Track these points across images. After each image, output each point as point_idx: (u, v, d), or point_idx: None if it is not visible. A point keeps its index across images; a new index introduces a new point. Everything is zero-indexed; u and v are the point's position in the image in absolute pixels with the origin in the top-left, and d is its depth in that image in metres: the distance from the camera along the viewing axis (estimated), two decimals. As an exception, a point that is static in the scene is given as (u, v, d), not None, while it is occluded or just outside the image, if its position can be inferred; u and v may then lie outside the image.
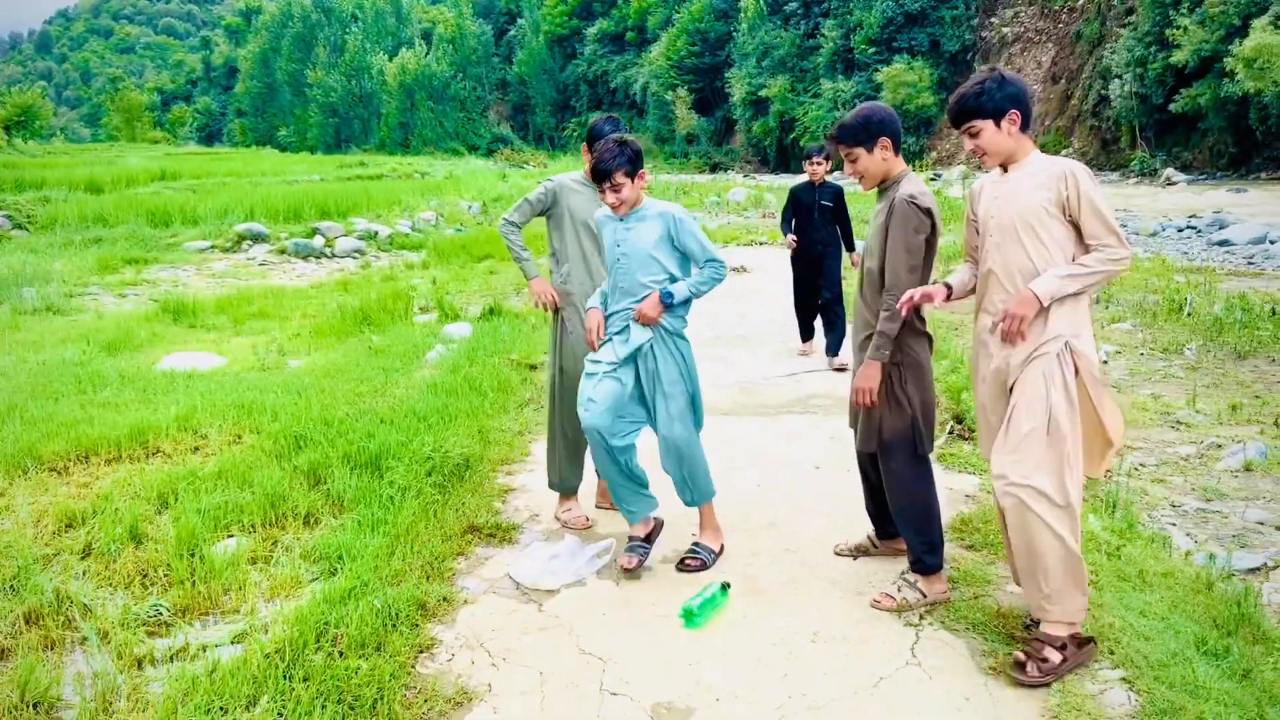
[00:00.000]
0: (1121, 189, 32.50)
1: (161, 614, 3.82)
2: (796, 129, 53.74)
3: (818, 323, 8.53)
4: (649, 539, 4.42)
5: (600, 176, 4.08)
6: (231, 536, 4.53)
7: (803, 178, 8.27)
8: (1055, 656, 3.32)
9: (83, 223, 18.31)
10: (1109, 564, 4.11)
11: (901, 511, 3.89)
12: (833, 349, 8.11)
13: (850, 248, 8.20)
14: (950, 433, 6.06)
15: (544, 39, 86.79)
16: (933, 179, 28.86)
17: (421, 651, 3.60)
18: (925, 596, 3.86)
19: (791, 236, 8.23)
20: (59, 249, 15.81)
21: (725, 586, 3.98)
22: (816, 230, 8.11)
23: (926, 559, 3.85)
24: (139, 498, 4.89)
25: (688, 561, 4.32)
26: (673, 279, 4.21)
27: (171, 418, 6.07)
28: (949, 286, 3.71)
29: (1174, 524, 4.87)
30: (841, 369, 7.81)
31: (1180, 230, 19.33)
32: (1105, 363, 8.07)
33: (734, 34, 63.36)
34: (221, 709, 3.10)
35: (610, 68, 79.94)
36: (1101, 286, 3.49)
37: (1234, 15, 31.74)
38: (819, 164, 8.00)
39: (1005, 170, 3.56)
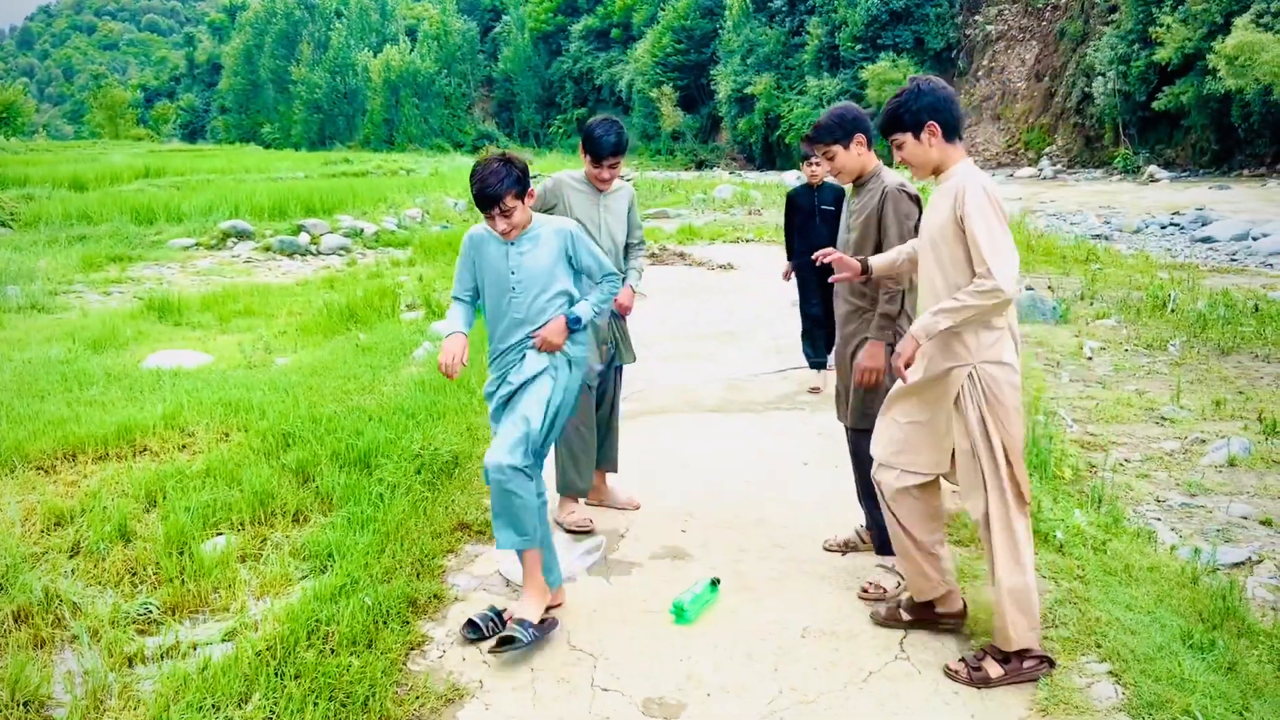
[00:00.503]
0: (1105, 186, 32.68)
1: (151, 612, 3.81)
2: (782, 126, 53.78)
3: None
4: (542, 624, 3.69)
5: (488, 202, 3.65)
6: (220, 534, 4.53)
7: (792, 176, 8.14)
8: (995, 670, 3.32)
9: (67, 220, 18.18)
10: (1095, 559, 4.15)
11: (870, 493, 3.94)
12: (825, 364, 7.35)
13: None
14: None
15: (529, 36, 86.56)
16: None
17: (412, 648, 3.61)
18: (903, 579, 3.86)
19: (787, 267, 7.44)
20: (43, 246, 15.69)
21: (715, 583, 4.00)
22: (819, 238, 6.92)
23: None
24: (127, 496, 4.87)
25: (495, 651, 3.54)
26: (571, 300, 3.88)
27: (159, 416, 6.04)
28: (865, 263, 3.80)
29: (1159, 519, 4.91)
30: (816, 390, 7.27)
31: (1164, 227, 19.46)
32: (1090, 359, 8.13)
33: (719, 31, 63.32)
34: (213, 706, 3.10)
35: (595, 64, 79.78)
36: (984, 319, 3.26)
37: (1216, 13, 31.92)
38: (817, 164, 7.01)
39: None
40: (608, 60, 78.25)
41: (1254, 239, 16.38)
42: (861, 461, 4.20)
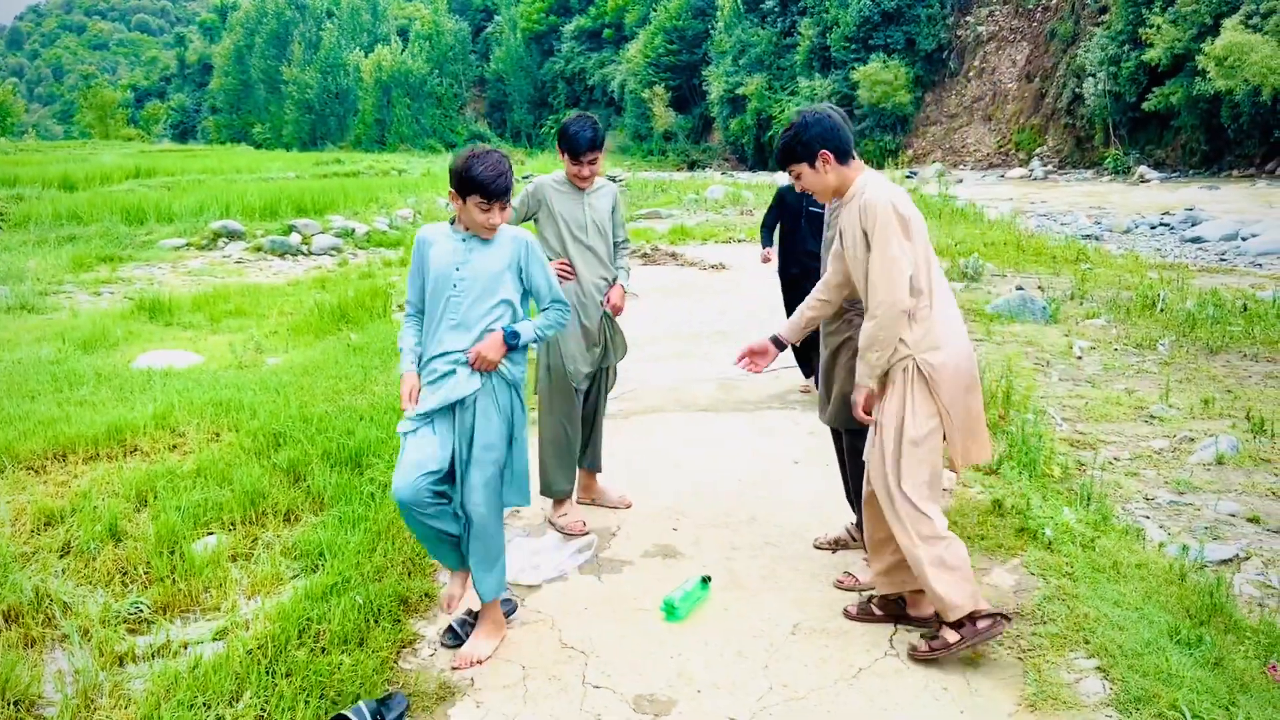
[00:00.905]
0: (1095, 186, 32.81)
1: (142, 611, 3.81)
2: (774, 127, 53.84)
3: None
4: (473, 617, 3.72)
5: (503, 194, 3.44)
6: (211, 534, 4.53)
7: (781, 177, 8.10)
8: (952, 636, 3.42)
9: (57, 220, 18.11)
10: (1084, 556, 4.17)
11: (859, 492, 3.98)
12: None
13: None
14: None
15: (521, 36, 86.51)
16: (908, 176, 29.02)
17: (404, 647, 3.61)
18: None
19: (766, 250, 7.19)
20: (33, 247, 15.64)
21: (706, 580, 4.01)
22: (803, 242, 6.55)
23: None
24: (118, 496, 4.86)
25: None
26: (515, 317, 3.59)
27: (149, 416, 6.03)
28: (778, 339, 3.97)
29: (1148, 516, 4.94)
30: (807, 390, 7.03)
31: (1153, 227, 19.56)
32: (1080, 358, 8.17)
33: (711, 32, 63.39)
34: (204, 705, 3.10)
35: (588, 65, 79.79)
36: (890, 344, 3.39)
37: (1206, 14, 32.09)
38: None
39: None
40: (600, 61, 78.29)
41: (1243, 239, 16.48)
42: (853, 462, 4.23)
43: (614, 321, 4.86)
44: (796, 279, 6.56)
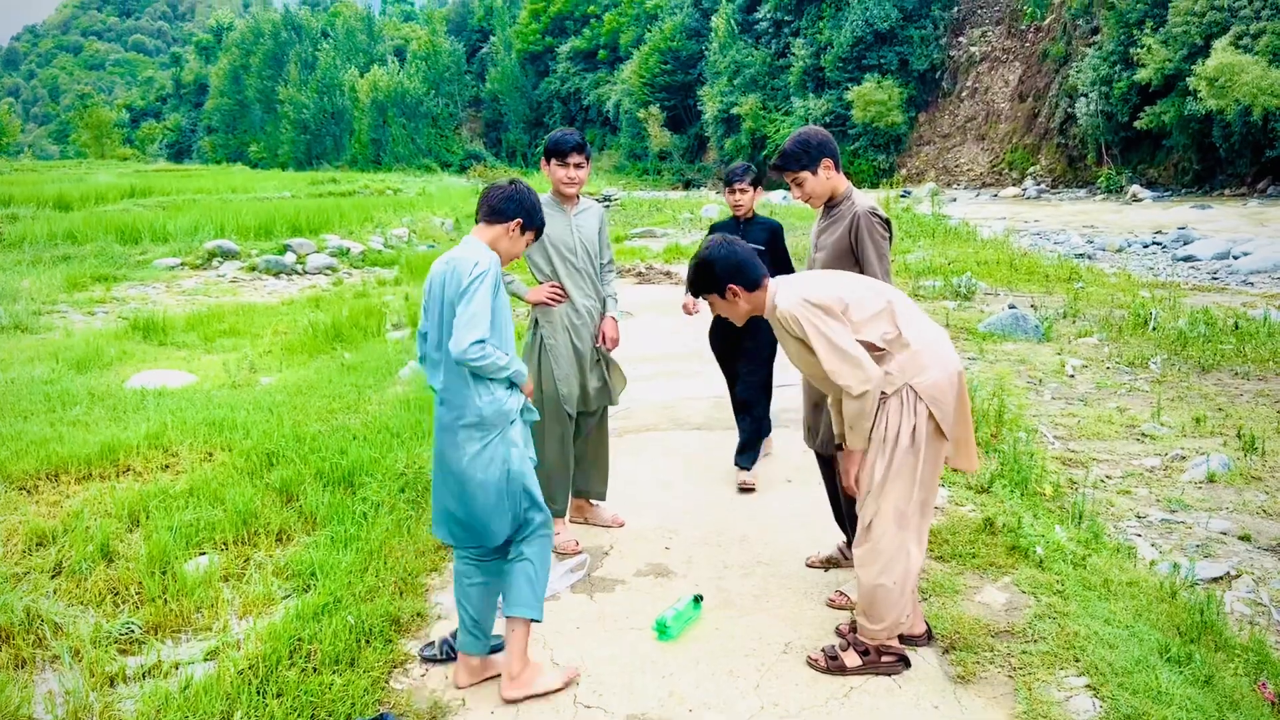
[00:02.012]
0: (1088, 205, 32.96)
1: (133, 631, 3.80)
2: (768, 146, 54.08)
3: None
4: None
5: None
6: (203, 554, 4.52)
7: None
8: (853, 660, 3.52)
9: (51, 240, 18.11)
10: (1075, 574, 4.18)
11: (848, 516, 3.99)
12: (749, 460, 5.73)
13: None
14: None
15: (517, 56, 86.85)
16: (903, 195, 29.12)
17: (395, 667, 3.61)
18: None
19: (690, 299, 5.48)
20: (27, 266, 15.64)
21: (698, 599, 4.01)
22: None
23: None
24: (110, 516, 4.86)
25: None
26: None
27: (142, 435, 6.03)
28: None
29: (1139, 534, 4.95)
30: (749, 489, 5.58)
31: (1146, 246, 19.65)
32: (1072, 376, 8.19)
33: (705, 53, 63.69)
34: (194, 726, 3.10)
35: (583, 85, 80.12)
36: (873, 410, 3.37)
37: (1196, 35, 32.33)
38: (743, 190, 5.59)
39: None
40: (595, 81, 78.62)
41: (1235, 258, 16.56)
42: (832, 487, 4.29)
43: (609, 357, 4.87)
44: (736, 330, 5.41)
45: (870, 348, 3.34)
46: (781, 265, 5.58)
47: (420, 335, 3.49)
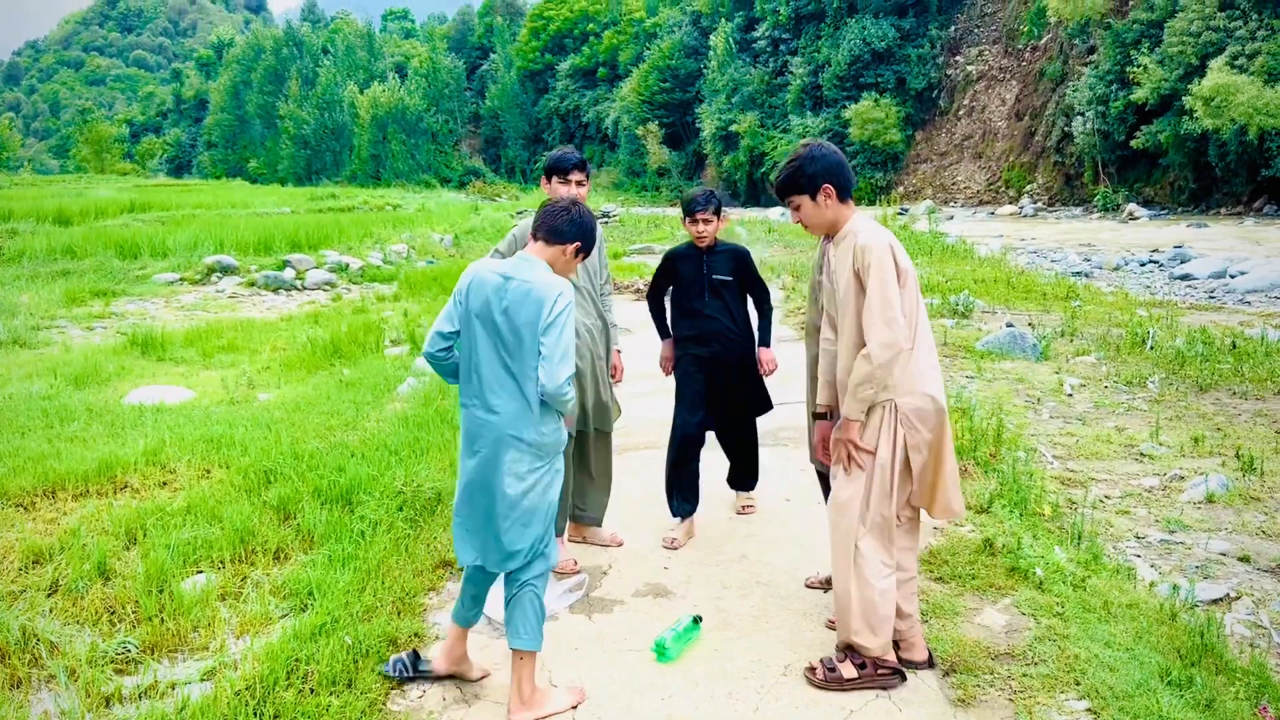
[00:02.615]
0: (1085, 224, 33.05)
1: (130, 651, 3.78)
2: (766, 163, 54.28)
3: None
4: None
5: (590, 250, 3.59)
6: (201, 572, 4.50)
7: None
8: (849, 671, 3.52)
9: (51, 255, 18.14)
10: (1074, 595, 4.16)
11: None
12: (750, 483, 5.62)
13: (766, 341, 5.29)
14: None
15: (516, 74, 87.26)
16: (900, 213, 29.19)
17: (393, 688, 3.59)
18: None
19: (667, 348, 5.29)
20: (26, 281, 15.65)
21: (697, 620, 4.00)
22: (711, 319, 5.06)
23: None
24: (107, 533, 4.84)
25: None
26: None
27: (140, 452, 6.02)
28: (831, 413, 3.78)
29: (1138, 555, 4.94)
30: (749, 508, 5.57)
31: (1143, 264, 19.68)
32: (1070, 396, 8.20)
33: (704, 71, 64.02)
34: (190, 747, 3.08)
35: (582, 102, 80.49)
36: (883, 384, 3.41)
37: (1192, 55, 32.50)
38: (705, 220, 5.01)
39: (830, 238, 3.70)
40: (594, 98, 78.99)
41: (1231, 276, 16.60)
42: None
43: (610, 386, 4.90)
44: (706, 364, 5.07)
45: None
46: (754, 291, 5.23)
47: (439, 334, 3.41)
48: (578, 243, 3.47)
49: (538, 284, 3.29)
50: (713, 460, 6.48)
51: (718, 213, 5.07)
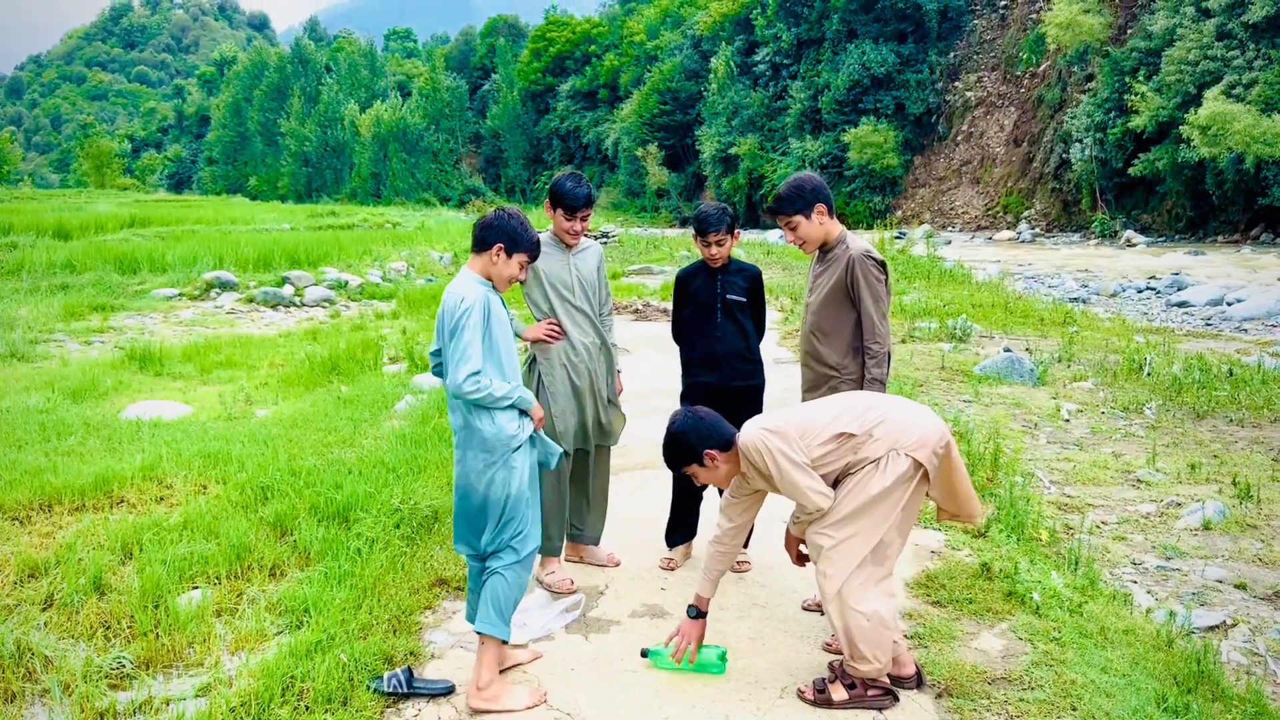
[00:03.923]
0: (1082, 250, 33.15)
1: (125, 666, 3.77)
2: (765, 186, 54.47)
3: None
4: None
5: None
6: (196, 588, 4.49)
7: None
8: (839, 693, 3.53)
9: (50, 269, 18.17)
10: (1071, 621, 4.17)
11: None
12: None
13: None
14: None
15: (518, 94, 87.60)
16: (898, 236, 29.29)
17: (388, 706, 3.57)
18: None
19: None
20: (25, 295, 15.66)
21: (723, 656, 3.89)
22: (722, 341, 4.83)
23: None
24: (103, 548, 4.83)
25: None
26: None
27: (136, 467, 6.01)
28: (698, 610, 3.82)
29: (1135, 581, 4.94)
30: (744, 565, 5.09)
31: (1140, 291, 19.73)
32: (1067, 421, 8.21)
33: (704, 94, 64.28)
34: (184, 764, 3.07)
35: (582, 123, 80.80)
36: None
37: (1190, 84, 32.70)
38: (719, 241, 4.75)
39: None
40: (595, 119, 79.28)
41: (1228, 304, 16.64)
42: None
43: (614, 402, 4.90)
44: (720, 391, 4.79)
45: (847, 437, 3.44)
46: (757, 315, 4.97)
47: (431, 351, 3.80)
48: (499, 244, 3.64)
49: (451, 292, 3.61)
50: (709, 489, 6.48)
51: (731, 230, 4.80)
